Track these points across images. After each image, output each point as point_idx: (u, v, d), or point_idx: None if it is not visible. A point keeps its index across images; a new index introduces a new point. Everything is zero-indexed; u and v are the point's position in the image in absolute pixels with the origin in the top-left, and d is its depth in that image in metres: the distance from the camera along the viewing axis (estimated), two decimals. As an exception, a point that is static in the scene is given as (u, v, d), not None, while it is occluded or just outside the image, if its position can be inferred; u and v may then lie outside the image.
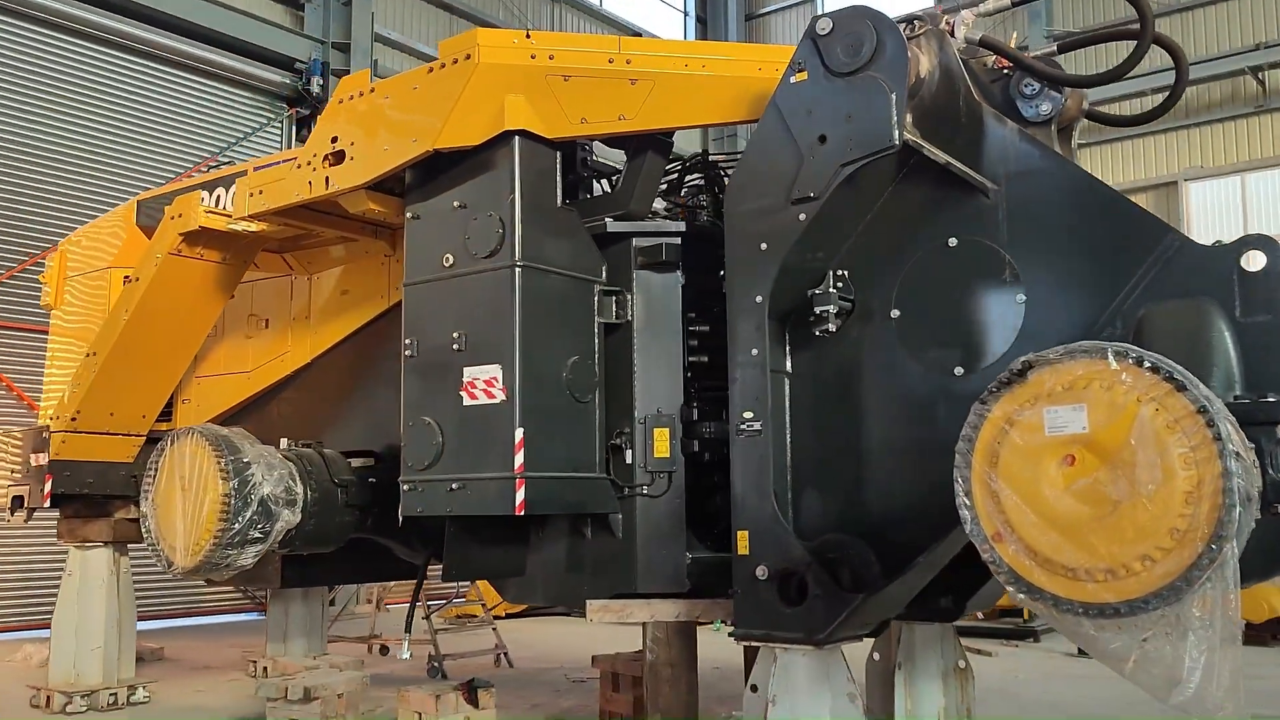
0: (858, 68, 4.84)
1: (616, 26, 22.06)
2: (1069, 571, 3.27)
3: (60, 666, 7.96)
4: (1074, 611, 3.24)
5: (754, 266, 5.03)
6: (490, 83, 5.31)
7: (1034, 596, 3.34)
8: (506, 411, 5.24)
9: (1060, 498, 3.30)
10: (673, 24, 23.71)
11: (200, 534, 5.96)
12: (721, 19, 23.89)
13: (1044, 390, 3.42)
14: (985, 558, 3.53)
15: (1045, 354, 3.57)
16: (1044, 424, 3.38)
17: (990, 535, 3.46)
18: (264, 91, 15.64)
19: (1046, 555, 3.31)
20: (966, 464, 3.59)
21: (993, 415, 3.56)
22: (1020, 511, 3.37)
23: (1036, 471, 3.38)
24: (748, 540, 4.96)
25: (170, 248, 6.69)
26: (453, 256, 5.51)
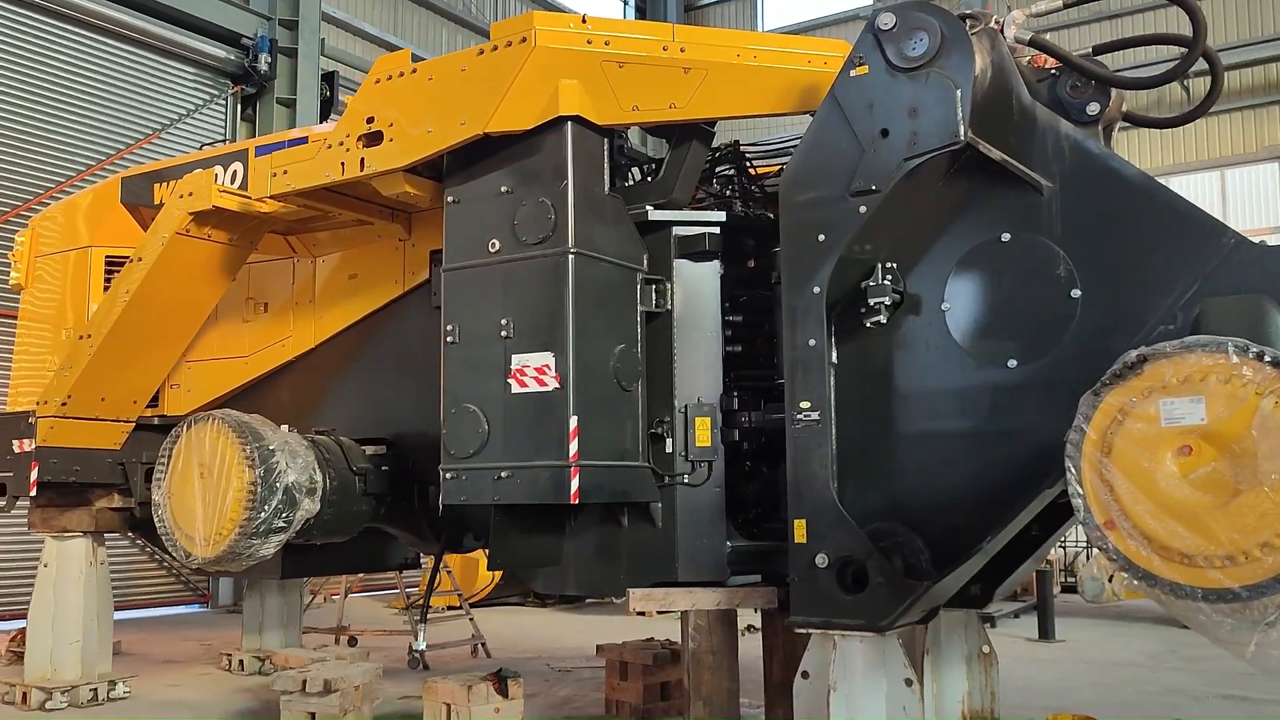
0: (922, 63, 4.91)
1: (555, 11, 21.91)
2: (1186, 558, 3.38)
3: (37, 661, 7.65)
4: (1192, 597, 3.36)
5: (811, 257, 5.07)
6: (545, 67, 5.25)
7: (1150, 583, 3.45)
8: (560, 399, 5.20)
9: (1178, 486, 3.42)
10: (612, 11, 23.63)
11: (223, 523, 5.78)
12: (662, 10, 23.87)
13: (1160, 382, 3.54)
14: (1096, 544, 3.63)
15: (1161, 347, 3.68)
16: (1160, 415, 3.49)
17: (1103, 523, 3.57)
18: (208, 67, 15.14)
19: (1163, 542, 3.42)
20: (1078, 453, 3.68)
21: (1106, 405, 3.66)
22: (1136, 499, 3.47)
23: (1152, 461, 3.49)
24: (805, 529, 5.02)
25: (179, 227, 6.46)
26: (499, 242, 5.44)
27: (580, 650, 10.33)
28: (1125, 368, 3.71)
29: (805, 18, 22.38)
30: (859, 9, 21.76)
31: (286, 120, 15.39)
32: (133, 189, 7.63)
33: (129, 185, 7.67)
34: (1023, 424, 4.86)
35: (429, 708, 5.98)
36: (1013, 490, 4.85)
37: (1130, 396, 3.62)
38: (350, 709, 6.14)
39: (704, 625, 5.60)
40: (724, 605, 5.60)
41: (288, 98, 15.42)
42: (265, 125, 15.35)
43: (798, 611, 5.00)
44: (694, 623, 5.60)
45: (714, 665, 5.58)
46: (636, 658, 7.20)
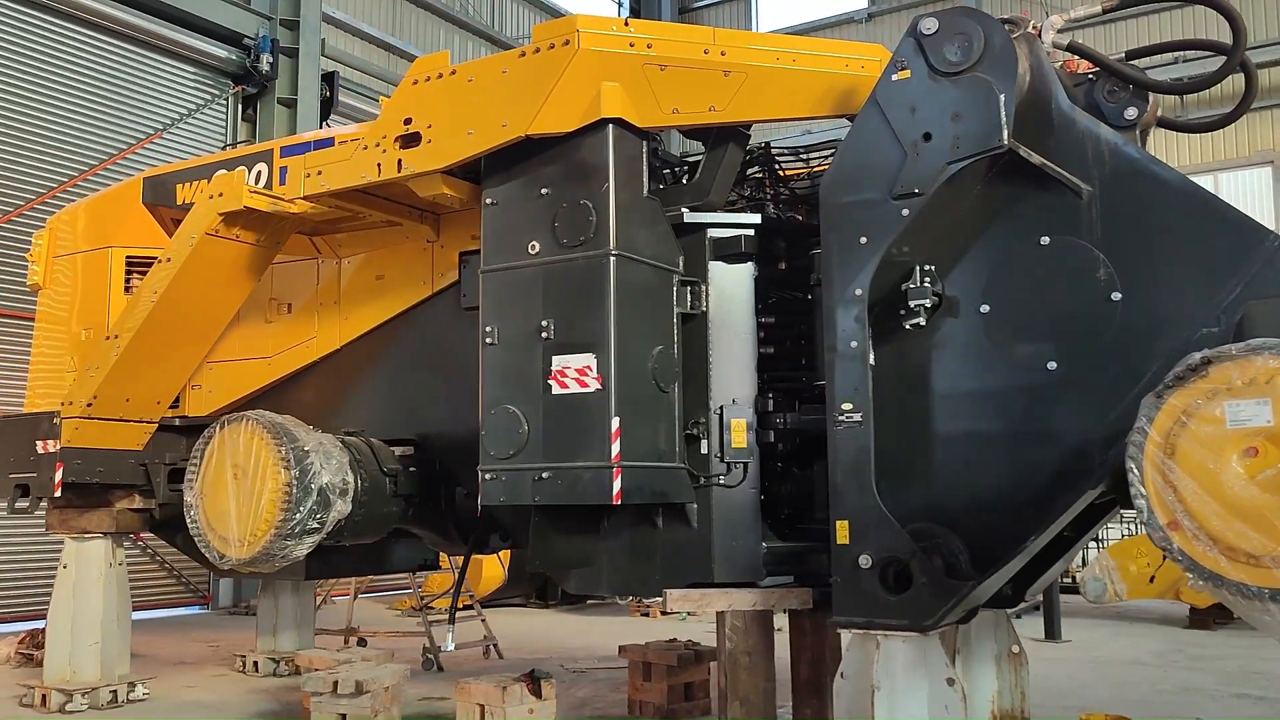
0: (965, 68, 4.96)
1: (554, 14, 21.93)
2: (1253, 559, 3.43)
3: (56, 663, 7.61)
4: (1260, 598, 3.41)
5: (854, 259, 5.11)
6: (589, 69, 5.27)
7: (1216, 584, 3.50)
8: (601, 400, 5.22)
9: (1244, 488, 3.47)
10: (606, 12, 23.65)
11: (257, 524, 5.78)
12: (656, 13, 23.93)
13: (1225, 384, 3.59)
14: (1159, 545, 3.68)
15: (1225, 349, 3.73)
16: (1225, 417, 3.54)
17: (1166, 524, 3.61)
18: (208, 67, 15.09)
19: (1229, 543, 3.47)
20: (1140, 454, 3.73)
21: (1169, 407, 3.71)
22: (1201, 500, 3.52)
23: (1218, 462, 3.54)
24: (848, 530, 5.05)
25: (209, 227, 6.44)
26: (539, 244, 5.46)
27: (590, 650, 10.35)
28: (1188, 370, 3.76)
29: (799, 20, 22.46)
30: (853, 12, 21.93)
31: (287, 121, 15.36)
32: (155, 189, 7.61)
33: (151, 185, 7.65)
34: (1063, 425, 4.91)
35: (462, 709, 5.98)
36: (1054, 491, 4.90)
37: (1194, 398, 3.67)
38: (380, 710, 6.14)
39: (740, 626, 5.63)
40: (759, 606, 5.63)
41: (289, 98, 15.38)
42: (266, 125, 15.32)
43: (840, 612, 5.04)
44: (730, 623, 5.62)
45: (750, 666, 5.60)
46: (660, 658, 7.22)
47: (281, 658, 8.94)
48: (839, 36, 21.10)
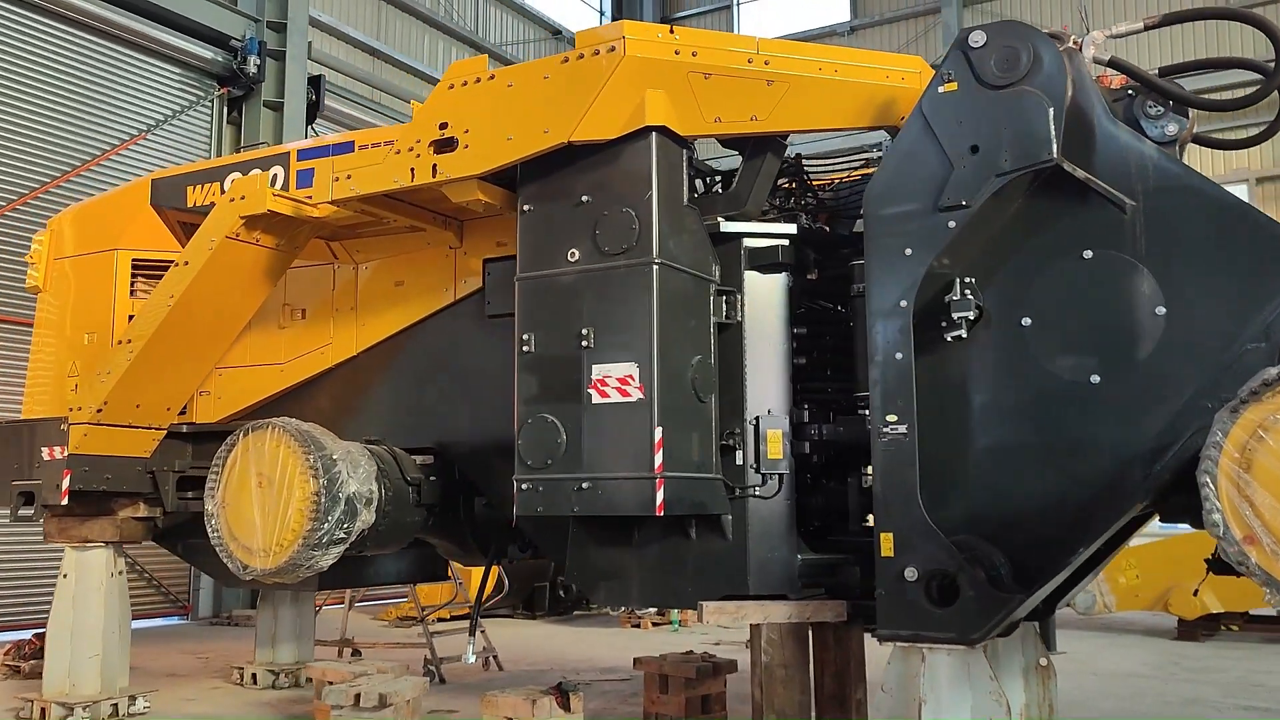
0: (1013, 81, 4.97)
1: (538, 21, 21.91)
2: (1332, 573, 3.43)
3: (55, 675, 7.41)
4: (1339, 611, 3.41)
5: (898, 271, 5.11)
6: (633, 76, 5.23)
7: (1294, 597, 3.50)
8: (644, 410, 5.17)
9: (1323, 503, 3.48)
10: (589, 22, 23.64)
11: (284, 534, 5.66)
12: (637, 18, 23.93)
13: (1302, 399, 3.59)
14: (1234, 559, 3.68)
15: (1302, 364, 3.74)
16: (1303, 431, 3.55)
17: (1241, 538, 3.62)
18: (194, 68, 14.86)
19: (1308, 557, 3.47)
20: (1215, 469, 3.73)
21: (1245, 421, 3.72)
22: (1278, 515, 3.52)
23: (1295, 477, 3.55)
24: (892, 542, 5.03)
25: (230, 230, 6.32)
26: (578, 251, 5.40)
27: (590, 662, 10.27)
28: (1263, 385, 3.77)
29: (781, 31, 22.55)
30: (836, 25, 22.06)
31: (273, 124, 15.18)
32: (164, 191, 7.46)
33: (160, 187, 7.50)
34: (1107, 438, 4.91)
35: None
36: (1099, 504, 4.90)
37: (1271, 413, 3.68)
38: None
39: (776, 639, 5.60)
40: (795, 619, 5.59)
41: (275, 101, 15.19)
42: (251, 128, 15.12)
43: (884, 624, 5.01)
44: (766, 636, 5.59)
45: (785, 679, 5.58)
46: (678, 670, 7.15)
47: (281, 670, 8.77)
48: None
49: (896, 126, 5.62)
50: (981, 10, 20.33)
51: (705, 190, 6.11)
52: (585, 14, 23.51)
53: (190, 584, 14.35)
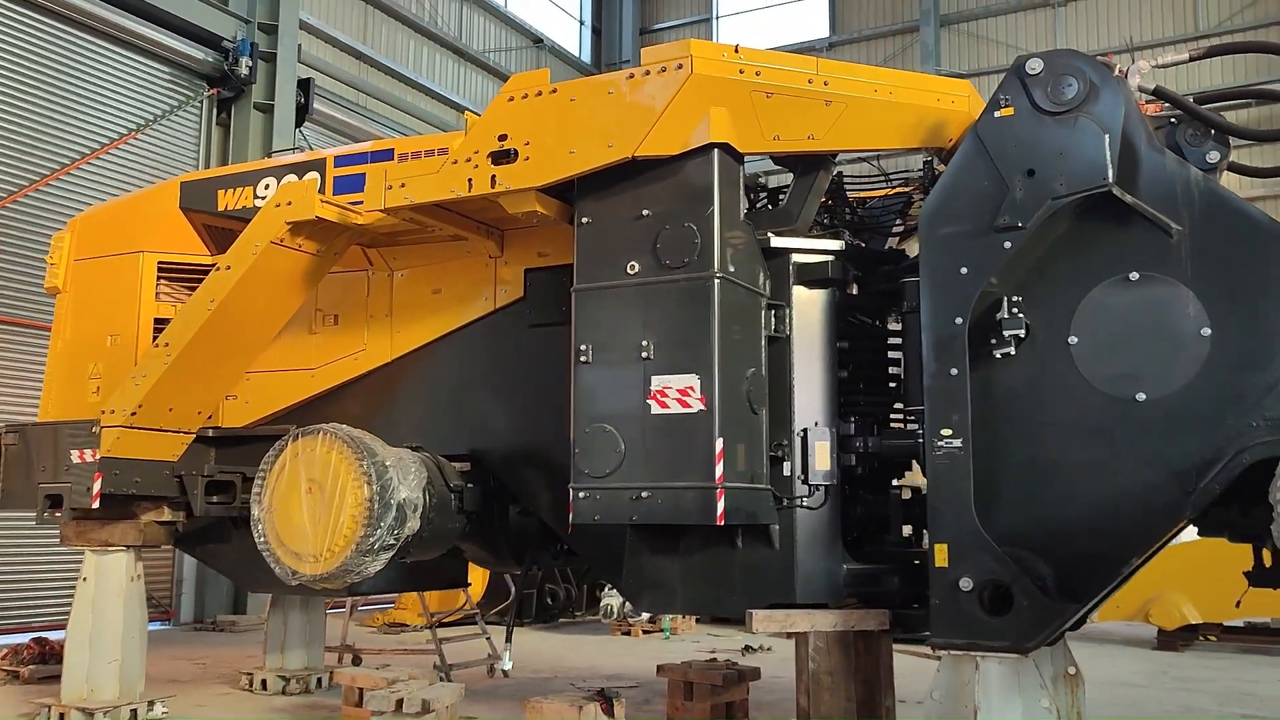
0: (1069, 108, 5.15)
1: (520, 29, 21.95)
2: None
3: (74, 680, 7.33)
4: None
5: (954, 289, 5.26)
6: (700, 94, 5.33)
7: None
8: (705, 421, 5.27)
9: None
10: (569, 32, 23.74)
11: (335, 540, 5.68)
12: (616, 31, 24.12)
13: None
14: (1308, 573, 3.85)
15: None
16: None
17: (1314, 552, 3.78)
18: (184, 68, 14.74)
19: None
20: (1290, 487, 3.89)
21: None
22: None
23: (1370, 494, 3.72)
24: (947, 553, 5.17)
25: (275, 236, 6.33)
26: (638, 264, 5.49)
27: (592, 669, 10.31)
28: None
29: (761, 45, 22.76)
30: (815, 40, 22.35)
31: (263, 126, 15.09)
32: (193, 194, 7.44)
33: (189, 190, 7.47)
34: (1152, 455, 5.07)
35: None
36: (1145, 519, 5.08)
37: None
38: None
39: (823, 646, 5.72)
40: (839, 627, 5.71)
41: (265, 103, 15.11)
42: (241, 131, 15.03)
43: (938, 633, 5.15)
44: (813, 644, 5.70)
45: (831, 686, 5.69)
46: (704, 678, 7.24)
47: (291, 675, 8.74)
48: (800, 64, 21.46)
49: (943, 148, 5.79)
50: (959, 30, 20.73)
51: (751, 205, 6.22)
52: (566, 23, 23.61)
53: (173, 588, 14.20)
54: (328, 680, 8.92)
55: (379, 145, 6.94)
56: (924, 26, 20.80)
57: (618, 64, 24.12)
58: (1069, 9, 20.19)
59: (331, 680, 8.99)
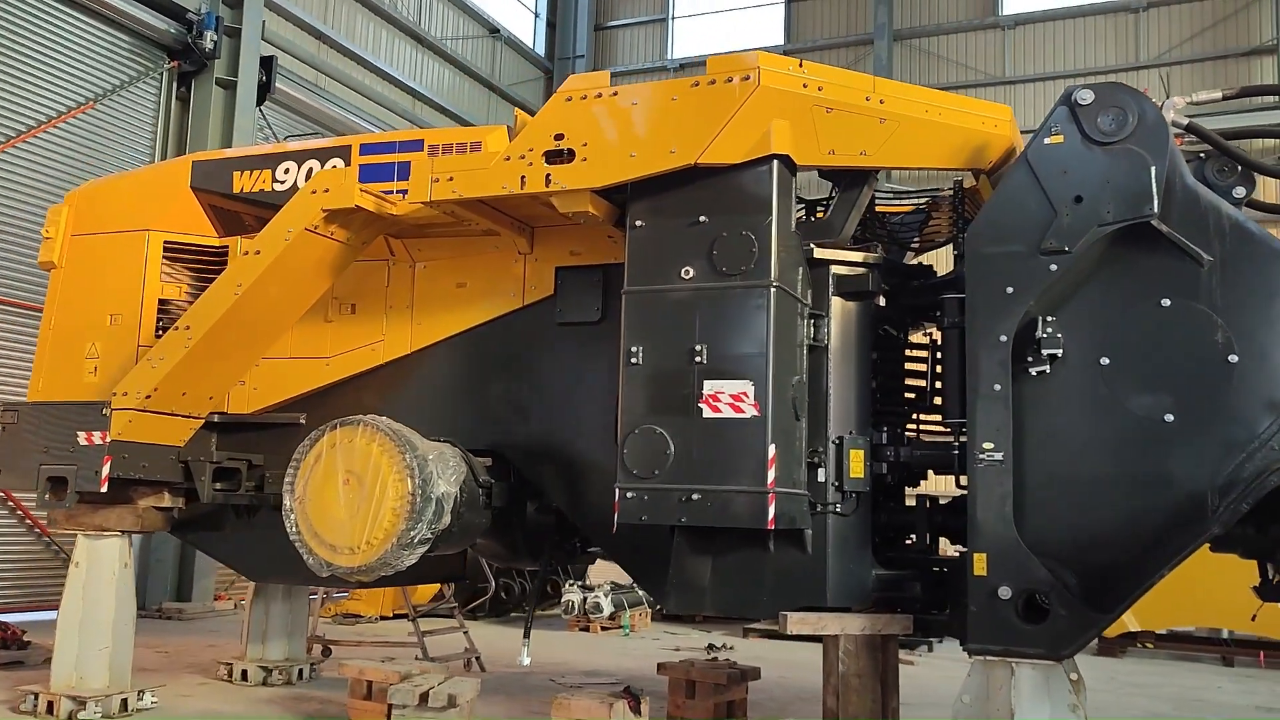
0: (1119, 139, 5.37)
1: (478, 19, 21.78)
2: None
3: (63, 668, 7.13)
4: None
5: (1000, 307, 5.45)
6: (765, 105, 5.43)
7: None
8: (758, 427, 5.37)
9: None
10: (525, 23, 23.63)
11: (374, 533, 5.65)
12: (571, 26, 24.08)
13: None
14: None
15: None
16: None
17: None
18: (145, 38, 14.30)
19: None
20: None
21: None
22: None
23: None
24: (985, 562, 5.36)
25: (310, 223, 6.24)
26: (693, 269, 5.56)
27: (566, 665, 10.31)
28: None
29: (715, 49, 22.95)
30: (770, 47, 22.57)
31: (224, 103, 14.74)
32: (207, 174, 7.29)
33: (202, 170, 7.33)
34: (1178, 474, 5.33)
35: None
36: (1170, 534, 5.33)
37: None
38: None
39: (853, 650, 5.87)
40: (868, 630, 5.87)
41: (228, 79, 14.75)
42: (201, 106, 14.65)
43: (975, 640, 5.33)
44: (844, 647, 5.85)
45: (860, 688, 5.85)
46: (706, 677, 7.34)
47: (273, 666, 8.60)
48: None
49: (983, 169, 5.98)
50: (912, 46, 21.18)
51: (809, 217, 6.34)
52: (522, 15, 23.49)
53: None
54: (309, 671, 8.81)
55: (406, 135, 6.91)
56: (878, 40, 21.20)
57: (570, 59, 24.13)
58: (1018, 31, 20.78)
59: (315, 671, 8.90)
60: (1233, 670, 11.97)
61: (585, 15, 24.02)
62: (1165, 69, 19.44)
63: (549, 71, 24.09)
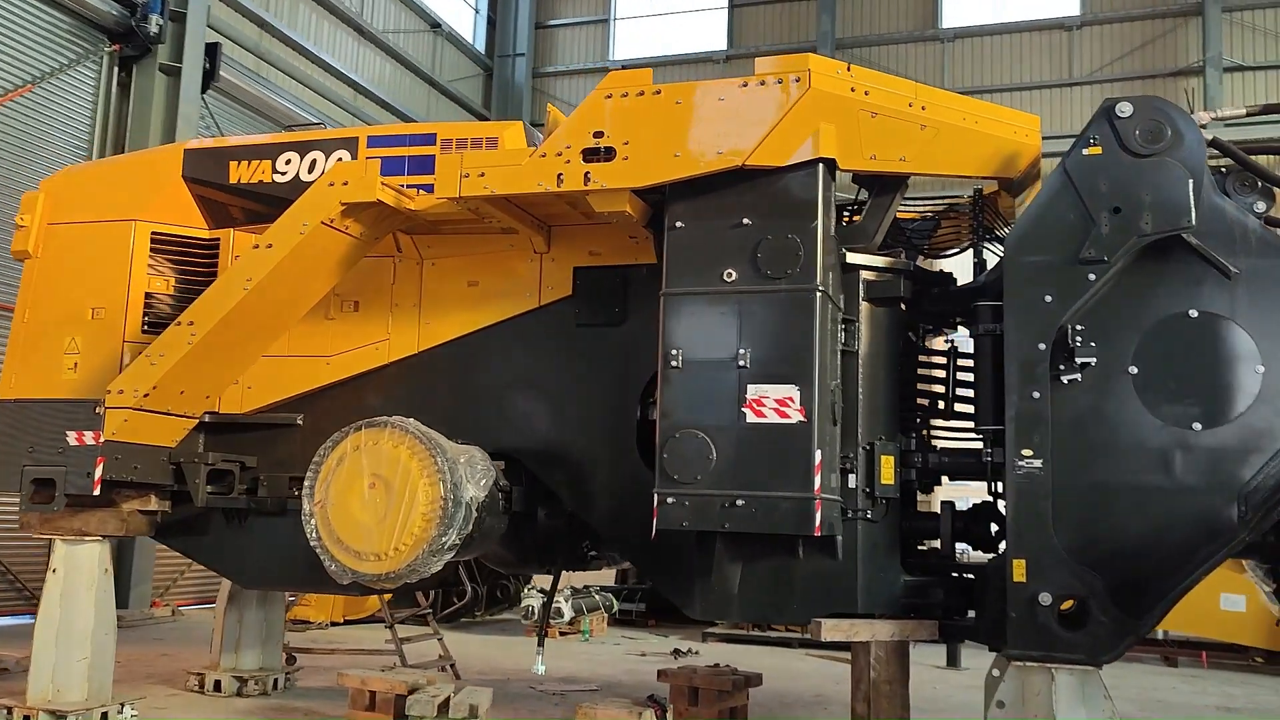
0: (1157, 151, 5.45)
1: (419, 13, 21.42)
2: None
3: (40, 680, 6.75)
4: None
5: (1038, 316, 5.51)
6: (814, 108, 5.38)
7: None
8: (804, 432, 5.32)
9: None
10: (465, 19, 23.31)
11: (402, 538, 5.46)
12: (512, 24, 23.82)
13: None
14: None
15: None
16: None
17: None
18: (85, 20, 13.69)
19: None
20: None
21: None
22: None
23: None
24: (1025, 568, 5.40)
25: (328, 216, 6.01)
26: (735, 272, 5.49)
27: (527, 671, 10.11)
28: None
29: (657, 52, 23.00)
30: (713, 51, 22.69)
31: (167, 89, 14.22)
32: (200, 164, 6.99)
33: (195, 159, 7.01)
34: (1208, 481, 5.44)
35: (584, 734, 5.85)
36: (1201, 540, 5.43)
37: None
38: (482, 734, 5.91)
39: (883, 656, 5.85)
40: (897, 636, 5.87)
41: (172, 65, 14.22)
42: (144, 93, 14.11)
43: (1015, 645, 5.37)
44: (874, 653, 5.83)
45: (890, 694, 5.83)
46: (710, 684, 7.27)
47: (248, 676, 8.27)
48: (697, 74, 21.78)
49: (1011, 178, 6.03)
50: (853, 55, 21.40)
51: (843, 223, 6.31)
52: (463, 11, 23.16)
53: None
54: (283, 681, 8.50)
55: (416, 129, 6.74)
56: (820, 48, 21.36)
57: (511, 56, 23.87)
58: (957, 44, 21.19)
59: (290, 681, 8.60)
60: (1178, 671, 12.32)
61: (526, 13, 23.79)
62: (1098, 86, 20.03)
63: (489, 69, 23.81)
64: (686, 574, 5.97)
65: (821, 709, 8.90)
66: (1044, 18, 20.75)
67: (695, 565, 5.89)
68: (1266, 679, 11.72)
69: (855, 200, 6.29)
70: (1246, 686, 11.16)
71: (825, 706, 9.00)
